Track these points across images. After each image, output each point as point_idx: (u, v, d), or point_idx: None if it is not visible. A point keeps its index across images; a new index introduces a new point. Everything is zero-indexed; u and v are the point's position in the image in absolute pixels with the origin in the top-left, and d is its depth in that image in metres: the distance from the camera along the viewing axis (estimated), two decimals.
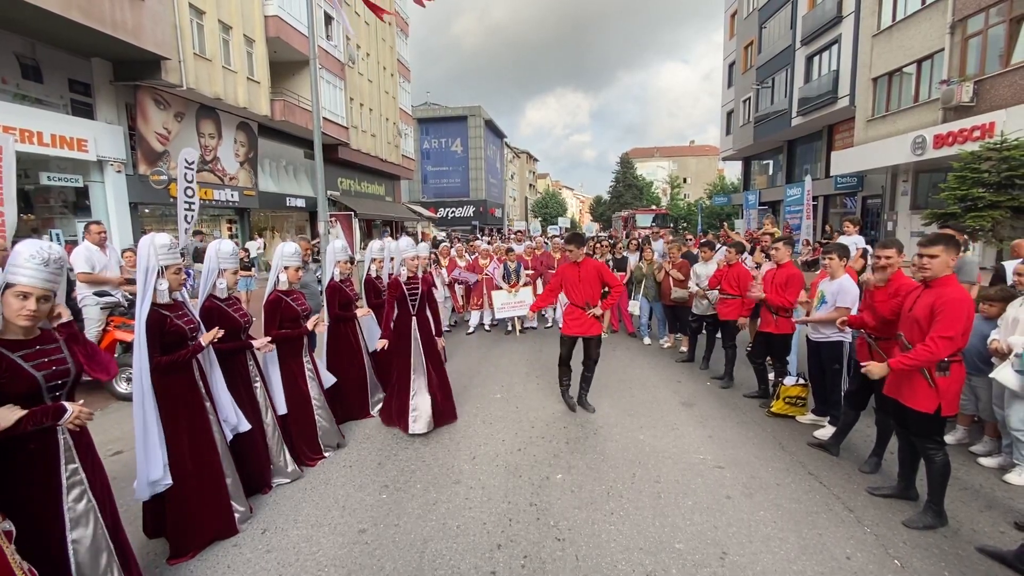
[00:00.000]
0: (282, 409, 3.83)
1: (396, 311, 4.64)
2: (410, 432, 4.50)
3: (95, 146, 11.40)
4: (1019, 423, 3.55)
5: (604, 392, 5.59)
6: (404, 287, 4.57)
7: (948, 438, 3.99)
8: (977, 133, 11.71)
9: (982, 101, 12.43)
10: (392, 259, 4.94)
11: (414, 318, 4.63)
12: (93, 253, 5.62)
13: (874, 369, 3.16)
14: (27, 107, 10.25)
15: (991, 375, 3.54)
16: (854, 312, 4.07)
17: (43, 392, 1.99)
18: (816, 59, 20.29)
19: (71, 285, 5.37)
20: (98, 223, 5.94)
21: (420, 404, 4.55)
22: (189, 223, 9.17)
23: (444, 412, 4.72)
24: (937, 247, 2.99)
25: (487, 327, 9.14)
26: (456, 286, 9.18)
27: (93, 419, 2.13)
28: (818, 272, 4.70)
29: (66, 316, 2.18)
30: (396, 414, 4.64)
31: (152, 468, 2.72)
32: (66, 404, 2.03)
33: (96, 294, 5.57)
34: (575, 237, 5.19)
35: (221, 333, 3.08)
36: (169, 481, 2.78)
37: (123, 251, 6.47)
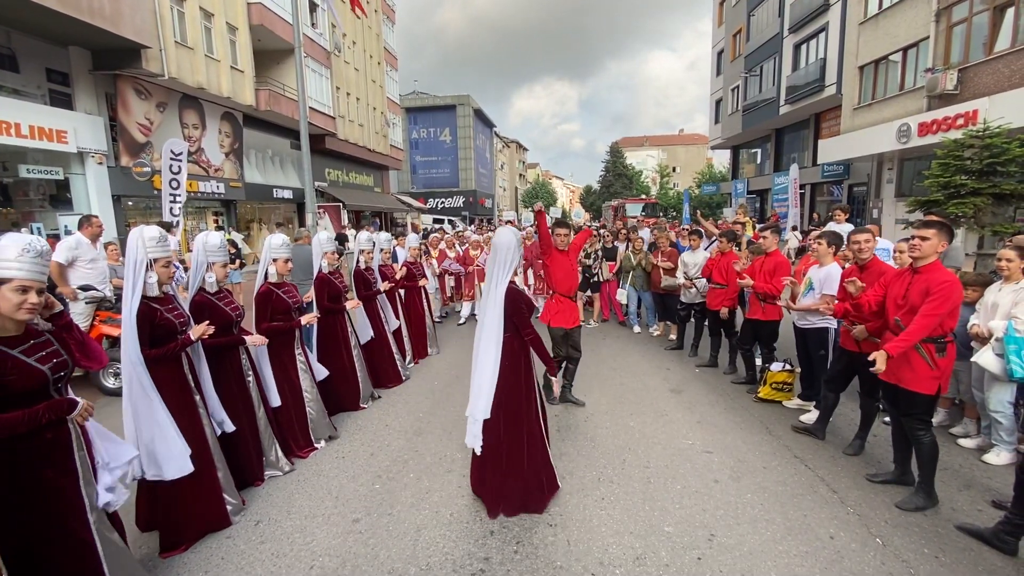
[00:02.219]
0: (275, 402, 3.82)
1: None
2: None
3: (75, 137, 11.14)
4: (998, 405, 3.65)
5: (594, 380, 5.64)
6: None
7: None
8: (961, 121, 11.84)
9: (966, 89, 12.56)
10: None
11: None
12: (82, 245, 5.55)
13: (880, 361, 2.99)
14: (3, 97, 9.97)
15: (973, 359, 3.62)
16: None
17: (50, 386, 2.03)
18: (804, 47, 20.32)
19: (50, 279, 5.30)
20: (97, 217, 5.98)
21: None
22: (175, 215, 9.05)
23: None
24: (931, 230, 3.08)
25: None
26: (446, 277, 9.17)
27: (93, 414, 2.18)
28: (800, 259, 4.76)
29: (58, 306, 2.19)
30: (534, 491, 3.22)
31: (180, 455, 2.76)
32: (76, 398, 2.09)
33: (81, 288, 5.49)
34: (563, 222, 5.02)
35: (212, 329, 3.06)
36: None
37: (106, 244, 6.38)
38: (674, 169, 64.29)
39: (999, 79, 11.66)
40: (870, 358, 3.05)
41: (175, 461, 2.74)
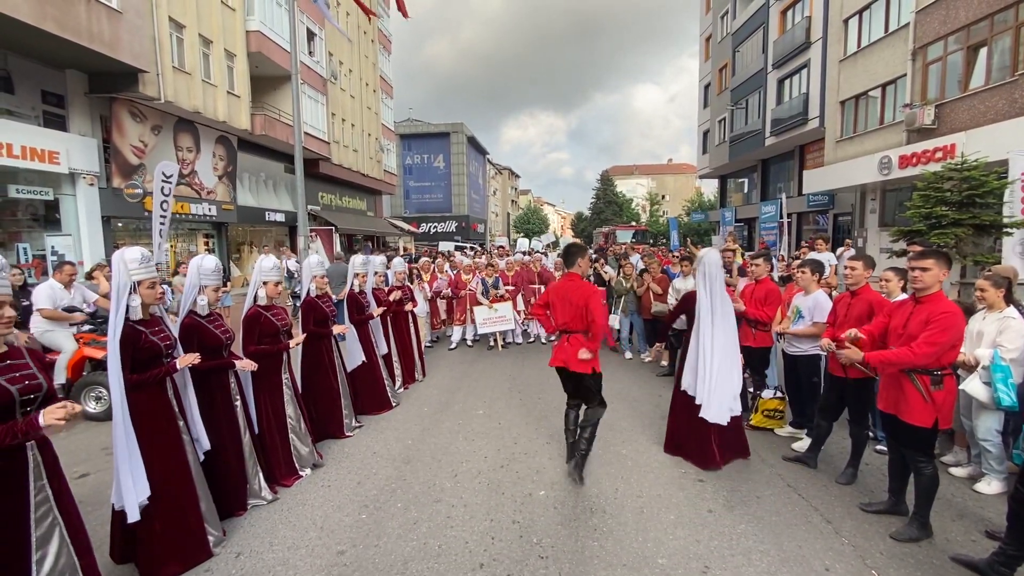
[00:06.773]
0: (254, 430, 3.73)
1: None
2: None
3: (67, 158, 11.13)
4: (986, 433, 3.66)
5: None
6: None
7: None
8: (940, 154, 12.22)
9: (943, 124, 13.01)
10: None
11: None
12: (56, 291, 5.62)
13: (850, 354, 3.26)
14: None
15: (960, 387, 3.65)
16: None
17: (16, 408, 1.96)
18: (787, 82, 21.03)
19: (27, 311, 5.41)
20: (72, 264, 6.04)
21: None
22: (162, 237, 9.00)
23: None
24: (929, 260, 3.04)
25: (469, 342, 9.10)
26: (437, 300, 9.14)
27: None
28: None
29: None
30: None
31: (139, 488, 2.61)
32: (40, 412, 1.96)
33: (65, 309, 5.48)
34: (566, 250, 4.22)
35: (198, 359, 2.99)
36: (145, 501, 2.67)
37: (91, 269, 6.37)
38: (663, 197, 65.44)
39: (975, 115, 12.10)
40: (844, 343, 3.36)
41: (132, 499, 2.59)
